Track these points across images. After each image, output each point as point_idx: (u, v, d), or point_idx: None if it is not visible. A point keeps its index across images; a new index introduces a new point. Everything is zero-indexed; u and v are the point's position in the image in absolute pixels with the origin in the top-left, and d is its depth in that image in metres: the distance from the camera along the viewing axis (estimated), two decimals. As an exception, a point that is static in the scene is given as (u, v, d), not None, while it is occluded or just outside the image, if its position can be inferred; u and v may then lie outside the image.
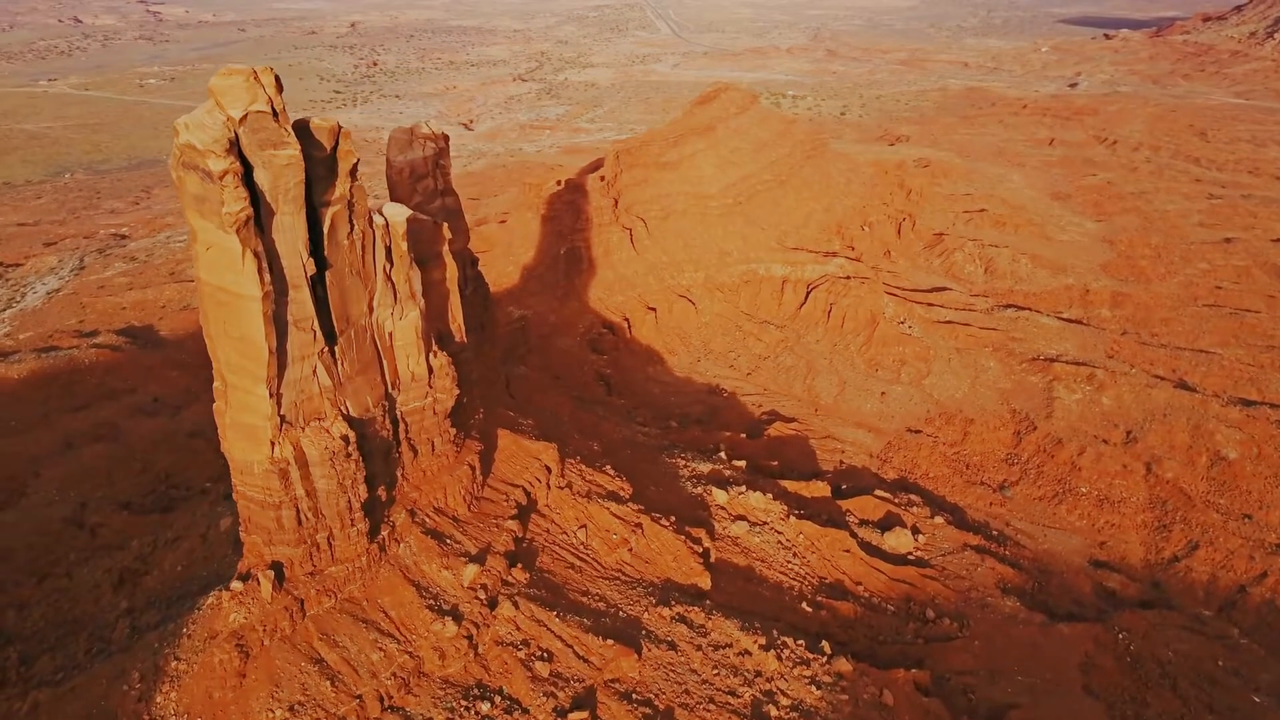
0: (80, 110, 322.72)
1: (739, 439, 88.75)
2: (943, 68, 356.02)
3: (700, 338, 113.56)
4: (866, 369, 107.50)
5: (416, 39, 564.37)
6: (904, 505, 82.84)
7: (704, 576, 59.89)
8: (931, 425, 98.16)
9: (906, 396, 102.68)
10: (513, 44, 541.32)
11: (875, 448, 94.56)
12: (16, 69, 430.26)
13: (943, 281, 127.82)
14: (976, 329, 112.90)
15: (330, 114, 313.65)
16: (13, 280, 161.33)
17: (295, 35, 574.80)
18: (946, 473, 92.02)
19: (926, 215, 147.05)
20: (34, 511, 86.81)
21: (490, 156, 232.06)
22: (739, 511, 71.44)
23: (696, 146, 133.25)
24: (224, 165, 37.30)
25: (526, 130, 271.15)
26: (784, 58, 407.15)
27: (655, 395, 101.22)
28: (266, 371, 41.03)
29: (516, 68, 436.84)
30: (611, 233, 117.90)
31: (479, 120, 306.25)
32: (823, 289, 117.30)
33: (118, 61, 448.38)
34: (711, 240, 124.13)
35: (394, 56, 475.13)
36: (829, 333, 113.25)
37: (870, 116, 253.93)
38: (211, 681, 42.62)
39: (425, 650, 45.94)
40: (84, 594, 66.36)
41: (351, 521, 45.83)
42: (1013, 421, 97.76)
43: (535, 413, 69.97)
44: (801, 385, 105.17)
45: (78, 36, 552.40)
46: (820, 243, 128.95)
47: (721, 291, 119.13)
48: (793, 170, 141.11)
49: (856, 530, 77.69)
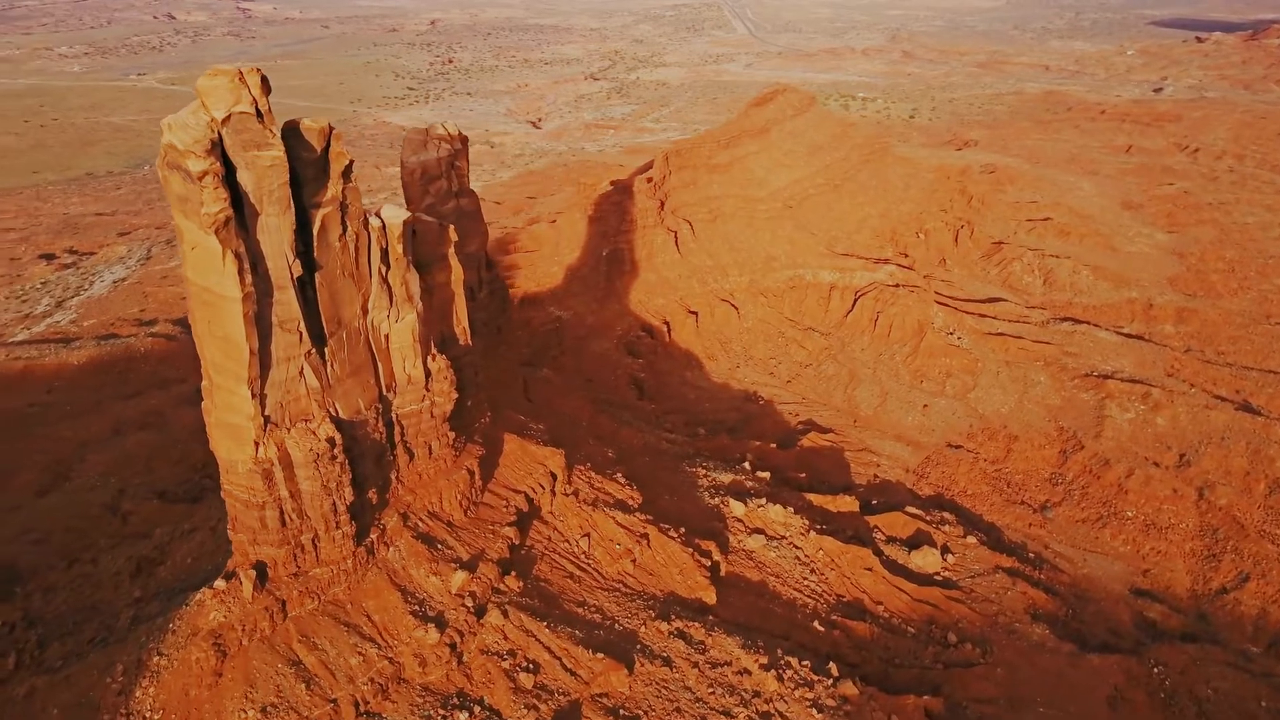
0: (164, 104, 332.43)
1: (769, 449, 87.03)
2: (1022, 70, 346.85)
3: (741, 343, 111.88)
4: (910, 380, 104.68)
5: (494, 37, 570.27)
6: (936, 523, 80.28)
7: (709, 591, 58.55)
8: (973, 441, 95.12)
9: (949, 410, 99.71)
10: (588, 43, 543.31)
11: (912, 462, 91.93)
12: (110, 64, 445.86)
13: (998, 292, 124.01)
14: (1029, 342, 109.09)
15: (402, 110, 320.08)
16: (84, 268, 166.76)
17: (376, 32, 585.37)
18: (985, 491, 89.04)
19: (987, 223, 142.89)
20: (76, 496, 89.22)
21: (552, 155, 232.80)
22: (757, 524, 69.87)
23: (749, 149, 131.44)
24: (203, 166, 37.26)
25: (591, 129, 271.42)
26: (858, 59, 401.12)
27: (690, 401, 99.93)
28: (248, 372, 40.99)
29: (589, 66, 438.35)
30: (656, 235, 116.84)
31: (547, 119, 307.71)
32: (870, 296, 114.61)
33: (204, 57, 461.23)
34: (759, 244, 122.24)
35: (470, 54, 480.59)
36: (874, 342, 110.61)
37: (941, 120, 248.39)
38: (189, 679, 42.82)
39: (406, 656, 45.57)
40: (105, 580, 67.76)
41: (336, 524, 45.67)
42: (1059, 439, 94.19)
43: (552, 417, 69.34)
44: (842, 395, 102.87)
45: (170, 33, 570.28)
46: (872, 249, 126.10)
47: (766, 297, 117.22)
48: (848, 174, 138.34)
49: (882, 548, 75.51)
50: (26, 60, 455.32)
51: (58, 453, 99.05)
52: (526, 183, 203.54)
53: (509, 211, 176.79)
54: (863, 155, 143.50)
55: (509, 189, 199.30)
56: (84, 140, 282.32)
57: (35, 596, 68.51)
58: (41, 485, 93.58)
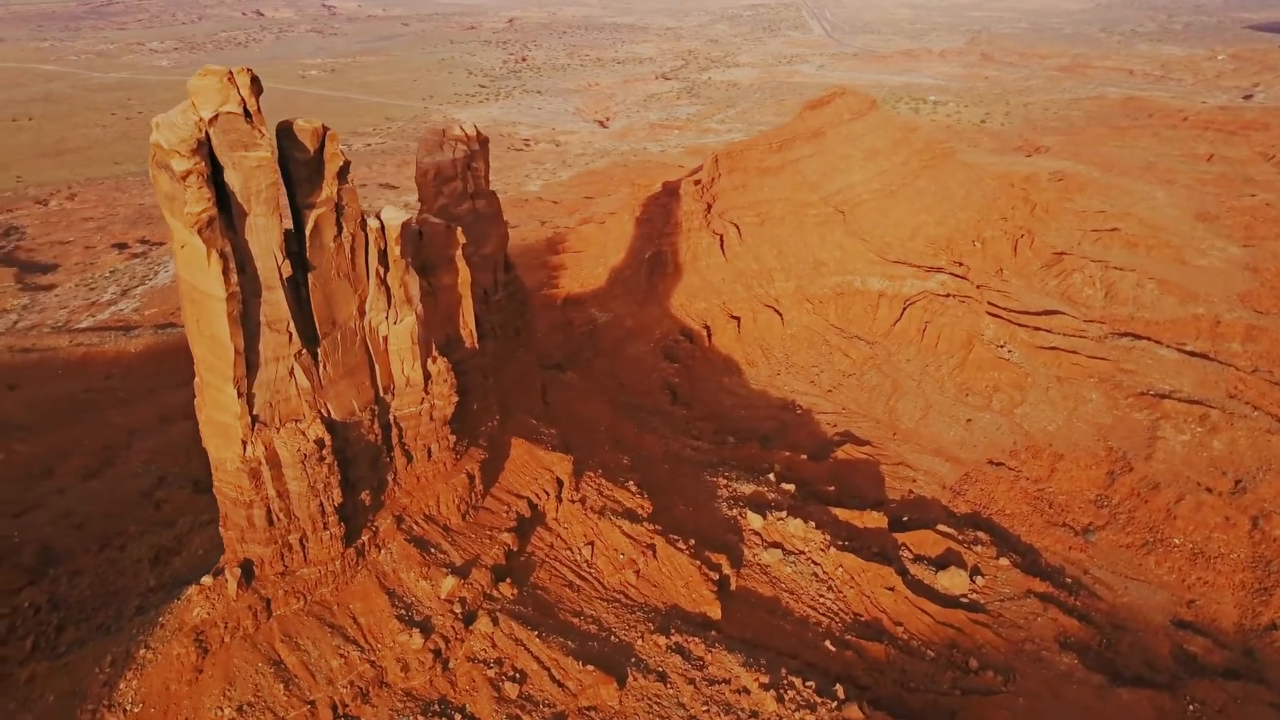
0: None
1: (799, 460, 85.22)
2: (1104, 75, 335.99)
3: (783, 350, 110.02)
4: (956, 393, 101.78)
5: (569, 35, 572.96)
6: (968, 543, 77.76)
7: (714, 606, 57.28)
8: (1016, 458, 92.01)
9: (994, 425, 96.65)
10: (662, 42, 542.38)
11: (950, 479, 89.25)
12: (197, 59, 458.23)
13: (1056, 304, 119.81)
14: (1083, 357, 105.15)
15: (472, 108, 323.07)
16: (152, 258, 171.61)
17: (454, 30, 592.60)
18: (1025, 511, 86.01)
19: (1050, 232, 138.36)
20: (118, 482, 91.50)
21: (614, 155, 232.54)
22: (775, 538, 68.31)
23: (803, 152, 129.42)
24: (187, 166, 37.38)
25: (655, 129, 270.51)
26: (935, 61, 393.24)
27: (725, 408, 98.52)
28: (234, 371, 41.09)
29: (662, 66, 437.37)
30: (701, 238, 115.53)
31: (615, 118, 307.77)
32: (919, 306, 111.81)
33: (287, 53, 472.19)
34: (807, 249, 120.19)
35: (544, 52, 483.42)
36: (921, 352, 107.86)
37: (1013, 125, 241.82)
38: (170, 674, 43.16)
39: (388, 661, 45.33)
40: (128, 568, 69.10)
41: (324, 525, 45.62)
42: (1107, 460, 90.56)
43: (570, 421, 68.71)
44: (883, 406, 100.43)
45: (256, 29, 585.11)
46: (925, 257, 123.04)
47: (812, 303, 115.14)
48: (906, 180, 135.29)
49: (908, 566, 73.31)
50: (120, 54, 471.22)
51: (108, 438, 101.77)
52: (586, 182, 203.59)
53: (565, 211, 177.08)
54: (923, 161, 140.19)
55: (568, 188, 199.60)
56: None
57: (63, 580, 70.20)
58: (89, 469, 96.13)
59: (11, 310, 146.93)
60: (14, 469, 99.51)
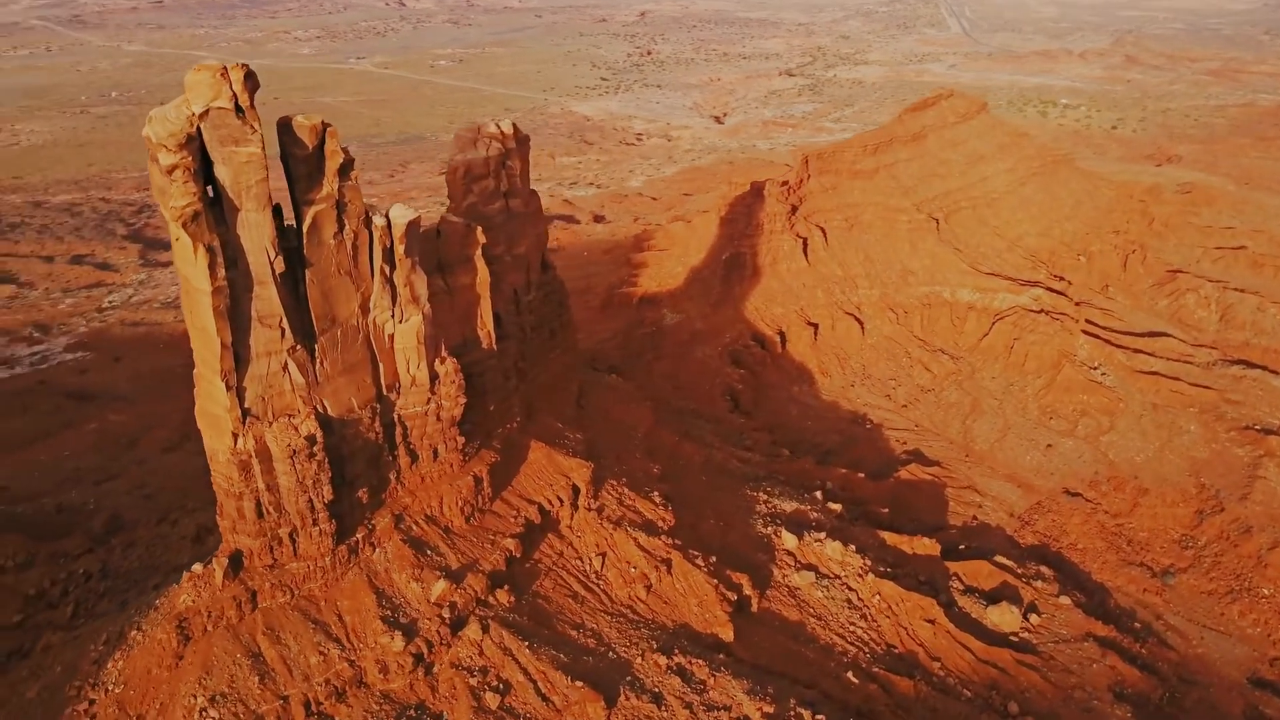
0: (374, 87, 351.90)
1: (855, 478, 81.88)
2: (1259, 80, 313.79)
3: (860, 360, 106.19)
4: (1038, 415, 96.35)
5: (699, 29, 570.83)
6: (1028, 577, 73.22)
7: (726, 627, 55.19)
8: (1095, 489, 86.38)
9: (1076, 452, 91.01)
10: (793, 38, 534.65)
11: (1020, 507, 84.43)
12: (336, 47, 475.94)
13: (1164, 326, 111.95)
14: (1185, 384, 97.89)
15: (590, 101, 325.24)
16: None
17: (585, 23, 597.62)
18: (1099, 547, 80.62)
19: (1167, 248, 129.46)
20: (191, 457, 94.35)
21: (722, 151, 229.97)
22: (809, 560, 65.60)
23: (899, 155, 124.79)
24: (173, 160, 37.67)
25: (768, 126, 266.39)
26: (1073, 62, 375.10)
27: (791, 418, 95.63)
28: (220, 364, 41.35)
29: (788, 62, 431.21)
30: (783, 240, 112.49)
31: (732, 114, 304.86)
32: (1009, 321, 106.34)
33: (421, 43, 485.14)
34: (895, 257, 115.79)
35: (670, 46, 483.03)
36: (1006, 370, 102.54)
37: (1147, 132, 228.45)
38: (152, 658, 43.91)
39: (368, 661, 45.06)
40: (174, 543, 71.30)
41: (314, 521, 45.63)
42: (1197, 498, 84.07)
43: (605, 426, 67.45)
44: (959, 426, 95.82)
45: (396, 19, 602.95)
46: (1023, 270, 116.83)
47: (895, 313, 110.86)
48: (1010, 188, 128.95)
49: (956, 598, 69.47)
50: (266, 42, 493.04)
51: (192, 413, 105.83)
52: (689, 179, 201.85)
53: (662, 208, 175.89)
54: (1031, 168, 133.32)
55: (669, 184, 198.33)
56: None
57: (118, 550, 72.90)
58: (169, 443, 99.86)
59: (129, 285, 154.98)
60: (106, 438, 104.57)
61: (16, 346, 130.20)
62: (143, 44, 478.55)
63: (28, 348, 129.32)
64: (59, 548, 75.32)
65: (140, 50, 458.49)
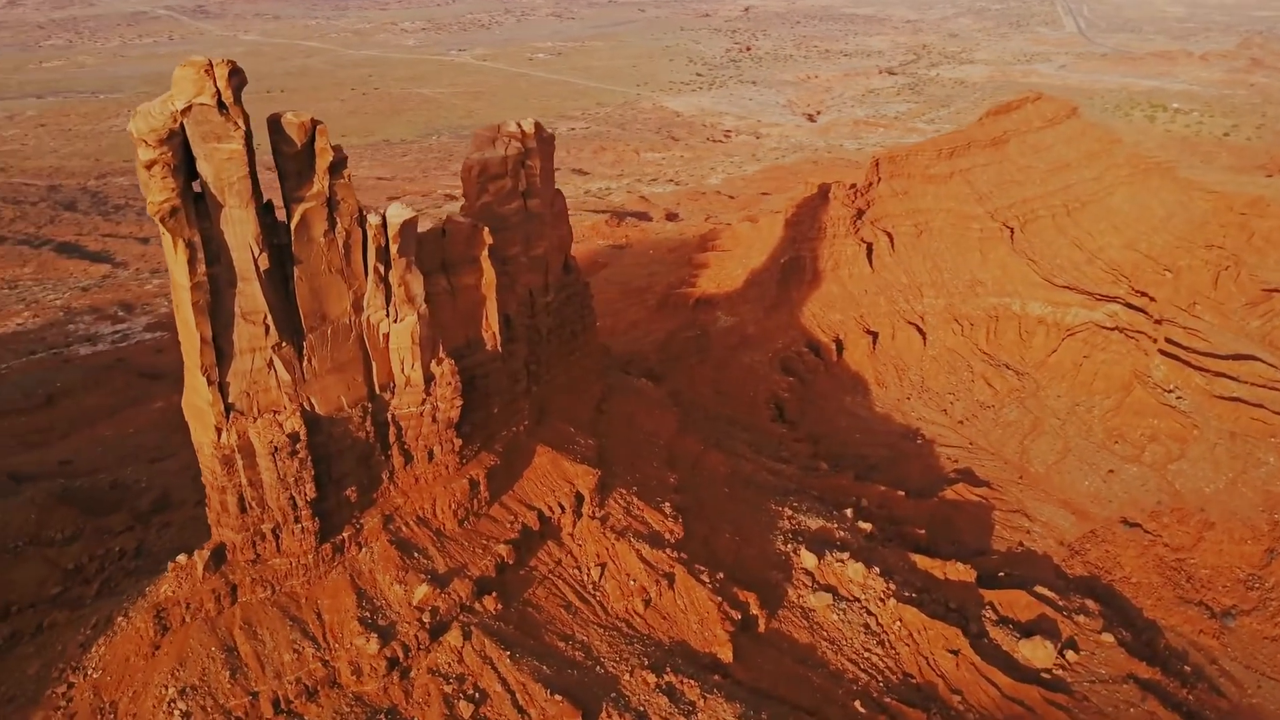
0: (471, 79, 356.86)
1: (895, 496, 78.85)
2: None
3: (919, 372, 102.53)
4: (1103, 438, 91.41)
5: (802, 25, 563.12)
6: (1070, 610, 69.30)
7: (725, 647, 53.44)
8: (1156, 520, 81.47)
9: (1139, 480, 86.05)
10: (898, 35, 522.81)
11: (1071, 535, 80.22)
12: (440, 39, 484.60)
13: (1254, 349, 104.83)
14: (1269, 413, 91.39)
15: (683, 96, 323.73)
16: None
17: (688, 18, 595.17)
18: (1155, 582, 75.98)
19: (1268, 266, 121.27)
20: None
21: (807, 150, 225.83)
22: (829, 581, 63.21)
23: (976, 160, 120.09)
24: (151, 156, 37.86)
25: (859, 126, 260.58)
26: (1192, 64, 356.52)
27: (839, 429, 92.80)
28: (200, 359, 41.53)
29: (891, 60, 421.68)
30: (846, 245, 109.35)
31: (825, 112, 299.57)
32: (1080, 338, 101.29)
33: (522, 36, 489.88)
34: (965, 265, 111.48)
35: (771, 42, 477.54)
36: (1073, 389, 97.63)
37: (1264, 139, 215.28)
38: (131, 646, 44.48)
39: (342, 662, 44.81)
40: (203, 527, 72.82)
41: (296, 518, 45.60)
42: (1269, 535, 78.48)
43: (625, 432, 66.14)
44: (1016, 445, 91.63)
45: (500, 11, 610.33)
46: (1102, 284, 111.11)
47: (960, 324, 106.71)
48: (1096, 197, 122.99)
49: (988, 629, 66.14)
50: (374, 33, 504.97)
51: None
52: (769, 178, 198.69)
53: (738, 207, 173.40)
54: (1120, 176, 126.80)
55: (749, 183, 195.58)
56: (394, 109, 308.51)
57: (155, 529, 74.70)
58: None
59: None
60: (168, 417, 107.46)
61: (102, 324, 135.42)
62: (258, 34, 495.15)
63: (111, 326, 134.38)
64: (105, 524, 77.47)
65: (254, 40, 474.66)
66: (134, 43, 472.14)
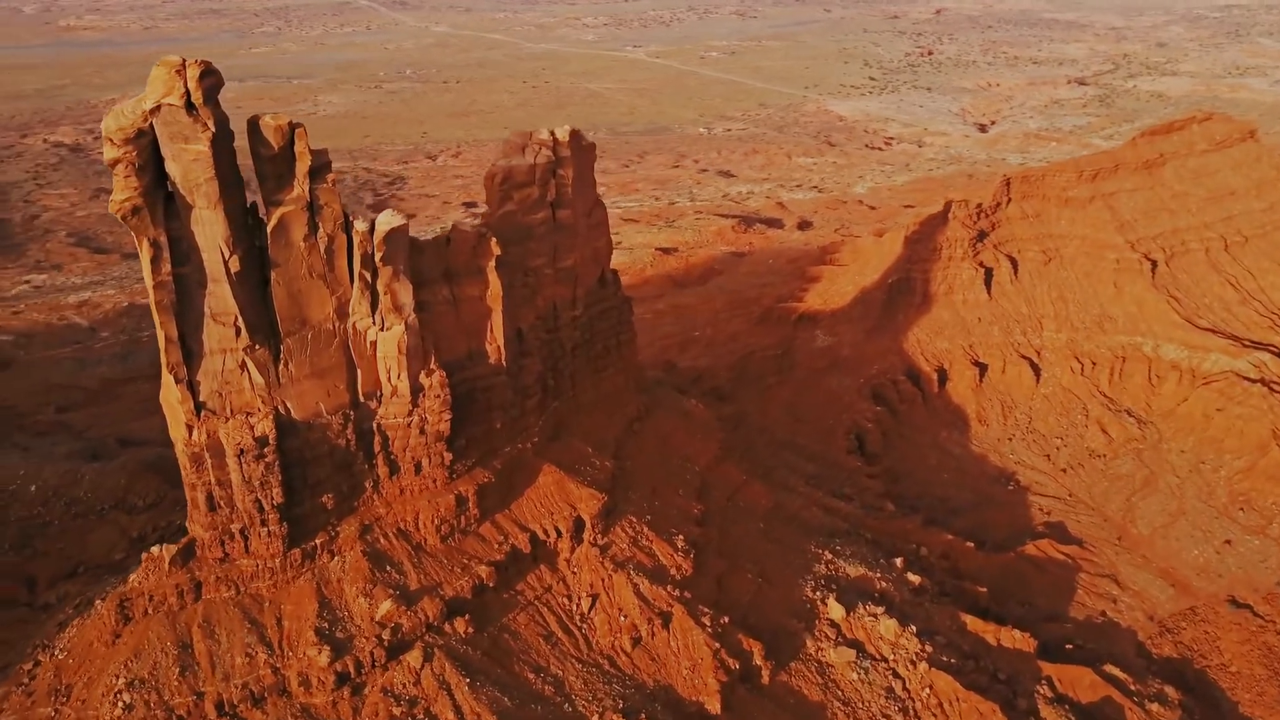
0: (639, 75, 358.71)
1: (963, 547, 72.70)
2: None
3: (1026, 411, 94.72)
4: (1226, 504, 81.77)
5: (994, 30, 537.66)
6: (1142, 696, 61.95)
7: (714, 698, 50.08)
8: (1272, 604, 71.91)
9: (1260, 555, 76.43)
10: (1098, 43, 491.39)
11: (1165, 609, 71.93)
12: (619, 35, 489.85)
13: None
14: None
15: (851, 100, 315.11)
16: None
17: (874, 19, 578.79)
18: (1259, 674, 67.10)
19: None
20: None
21: (966, 163, 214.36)
22: (857, 635, 58.62)
23: (1123, 184, 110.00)
24: (114, 154, 38.27)
25: (1029, 139, 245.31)
26: None
27: (925, 467, 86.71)
28: (166, 357, 41.80)
29: (1085, 69, 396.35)
30: (962, 269, 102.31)
31: (1000, 122, 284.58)
32: (1216, 388, 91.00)
33: (699, 34, 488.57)
34: (1095, 299, 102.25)
35: (956, 47, 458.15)
36: (1200, 445, 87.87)
37: None
38: (95, 633, 45.40)
39: (292, 671, 44.32)
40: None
41: (263, 521, 45.43)
42: (1405, 637, 68.07)
43: (657, 455, 63.26)
44: (1121, 502, 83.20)
45: (683, 8, 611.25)
46: (1255, 329, 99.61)
47: (1081, 362, 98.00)
48: (1264, 230, 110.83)
49: (1039, 706, 59.81)
50: (556, 28, 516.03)
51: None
52: (920, 189, 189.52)
53: (877, 219, 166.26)
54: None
55: (895, 194, 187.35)
56: (559, 103, 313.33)
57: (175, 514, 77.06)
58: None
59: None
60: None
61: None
62: (448, 25, 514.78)
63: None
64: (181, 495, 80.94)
65: (444, 31, 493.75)
66: (335, 31, 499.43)
